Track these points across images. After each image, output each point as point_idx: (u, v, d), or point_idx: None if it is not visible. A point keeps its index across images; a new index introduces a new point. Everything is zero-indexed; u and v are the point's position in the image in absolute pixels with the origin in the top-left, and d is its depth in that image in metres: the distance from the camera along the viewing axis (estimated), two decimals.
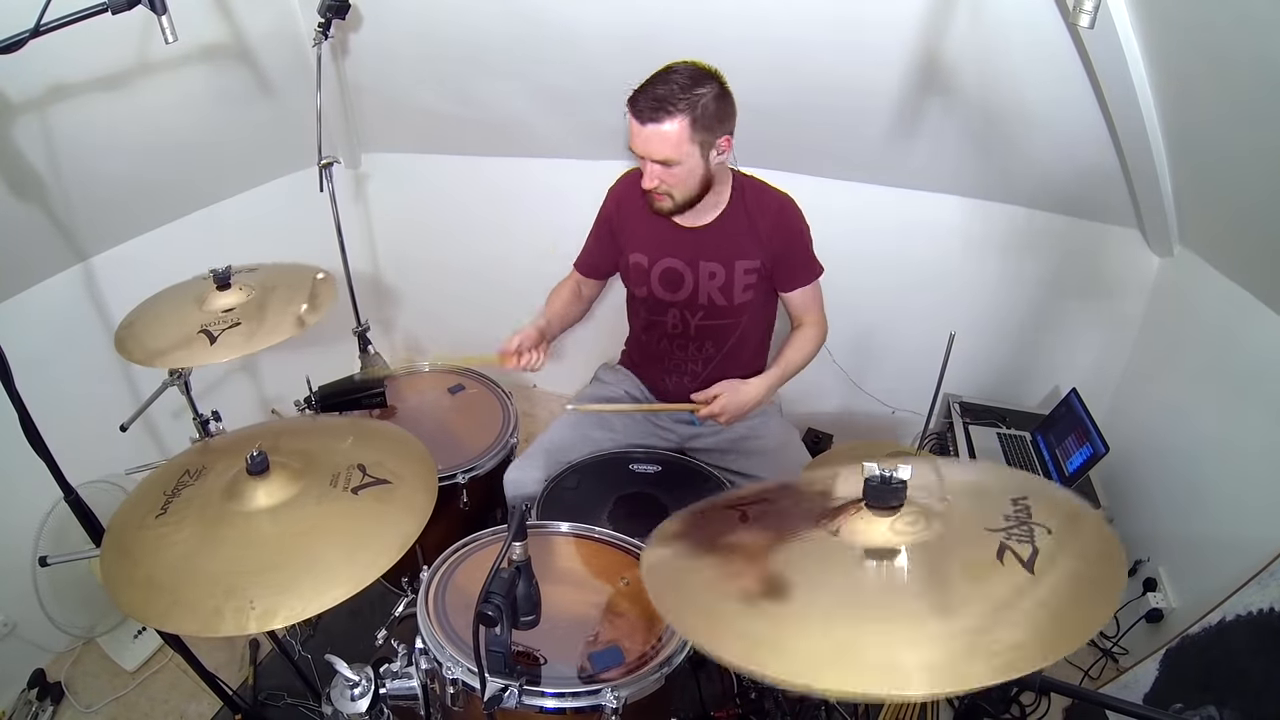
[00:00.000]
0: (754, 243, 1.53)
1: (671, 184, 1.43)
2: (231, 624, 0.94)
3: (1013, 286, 2.22)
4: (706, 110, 1.35)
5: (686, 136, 1.36)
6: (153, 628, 1.06)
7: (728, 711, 1.51)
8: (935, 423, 2.19)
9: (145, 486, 1.19)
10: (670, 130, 1.34)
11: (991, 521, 0.89)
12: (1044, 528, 0.87)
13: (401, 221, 2.82)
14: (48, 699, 1.77)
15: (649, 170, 1.41)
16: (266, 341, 1.37)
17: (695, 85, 1.34)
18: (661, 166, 1.40)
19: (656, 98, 1.33)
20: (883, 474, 0.87)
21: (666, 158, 1.38)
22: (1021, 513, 0.90)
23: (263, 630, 0.96)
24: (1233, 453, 1.63)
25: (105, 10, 1.07)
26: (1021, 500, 0.93)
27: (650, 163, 1.40)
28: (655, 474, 1.63)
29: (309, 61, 2.00)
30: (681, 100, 1.33)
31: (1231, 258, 1.69)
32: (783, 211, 1.55)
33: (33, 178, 1.62)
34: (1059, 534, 0.86)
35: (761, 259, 1.54)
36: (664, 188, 1.43)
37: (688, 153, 1.38)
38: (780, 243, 1.54)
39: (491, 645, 0.97)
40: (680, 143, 1.36)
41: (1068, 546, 0.85)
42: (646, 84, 1.37)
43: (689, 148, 1.37)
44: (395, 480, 1.16)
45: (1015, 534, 0.87)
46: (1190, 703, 1.41)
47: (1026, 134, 1.82)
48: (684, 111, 1.33)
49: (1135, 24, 1.38)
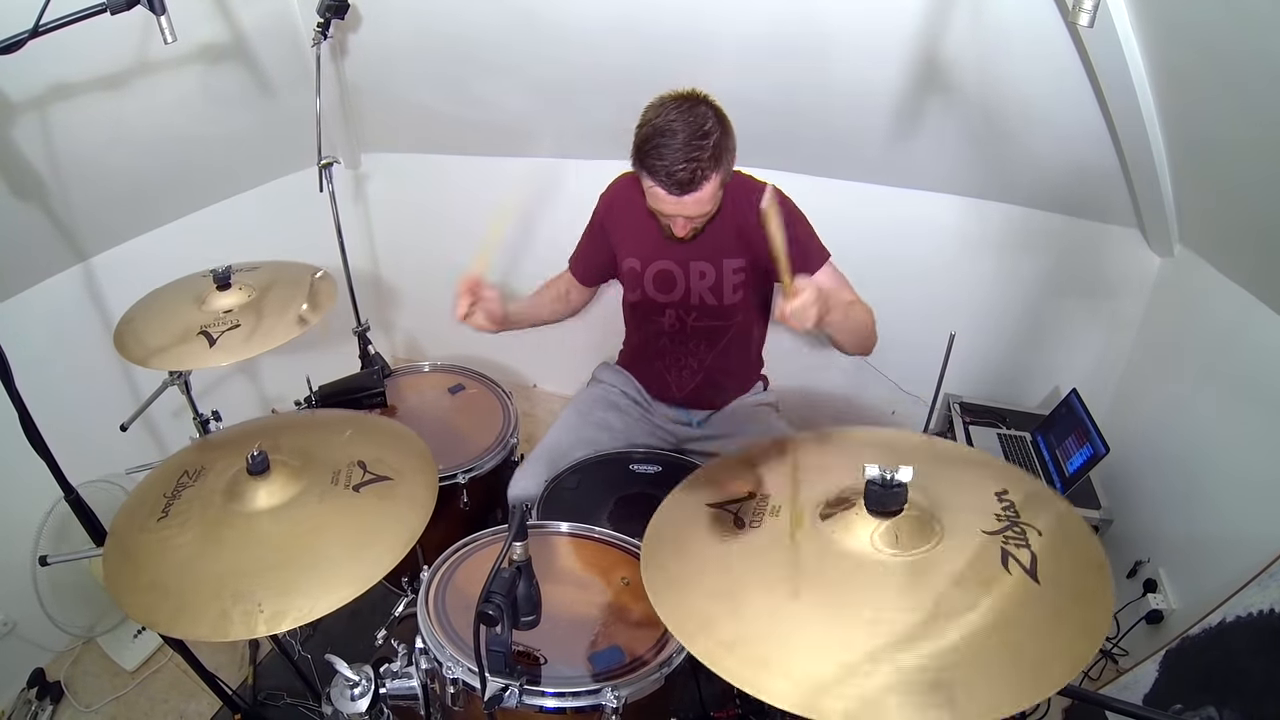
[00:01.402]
0: (741, 241, 1.52)
1: (701, 223, 1.44)
2: (241, 628, 0.94)
3: (1013, 286, 2.22)
4: (725, 152, 1.33)
5: (717, 185, 1.35)
6: (161, 634, 1.05)
7: (728, 712, 1.51)
8: (935, 423, 2.19)
9: (144, 488, 1.19)
10: (706, 190, 1.33)
11: (986, 524, 0.89)
12: (1034, 529, 0.88)
13: (401, 221, 2.82)
14: (47, 698, 1.77)
15: (682, 222, 1.40)
16: (265, 345, 1.37)
17: (707, 134, 1.29)
18: (696, 218, 1.40)
19: (687, 170, 1.27)
20: (883, 475, 0.88)
21: (705, 212, 1.38)
22: (1009, 510, 0.91)
23: (272, 633, 0.96)
24: (1233, 453, 1.63)
25: (104, 10, 1.07)
26: (1004, 495, 0.93)
27: (683, 218, 1.39)
28: (655, 474, 1.62)
29: (308, 61, 2.00)
30: (709, 160, 1.29)
31: (1231, 258, 1.69)
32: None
33: (33, 178, 1.62)
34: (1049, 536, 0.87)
35: (748, 257, 1.54)
36: (693, 228, 1.44)
37: (718, 197, 1.39)
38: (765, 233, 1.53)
39: (492, 645, 0.97)
40: (714, 195, 1.36)
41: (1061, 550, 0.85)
42: (658, 151, 1.28)
43: (719, 193, 1.38)
44: (396, 477, 1.17)
45: (1011, 537, 0.87)
46: (1190, 704, 1.41)
47: (1026, 133, 1.82)
48: (714, 170, 1.31)
49: (1135, 23, 1.38)
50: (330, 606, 0.96)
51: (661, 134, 1.28)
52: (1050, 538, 0.88)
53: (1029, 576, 0.82)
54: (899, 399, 2.45)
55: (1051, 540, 0.87)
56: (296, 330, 1.40)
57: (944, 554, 0.86)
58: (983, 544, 0.87)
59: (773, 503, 1.03)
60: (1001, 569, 0.83)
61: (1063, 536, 0.89)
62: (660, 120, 1.29)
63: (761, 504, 1.03)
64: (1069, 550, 0.87)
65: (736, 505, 1.05)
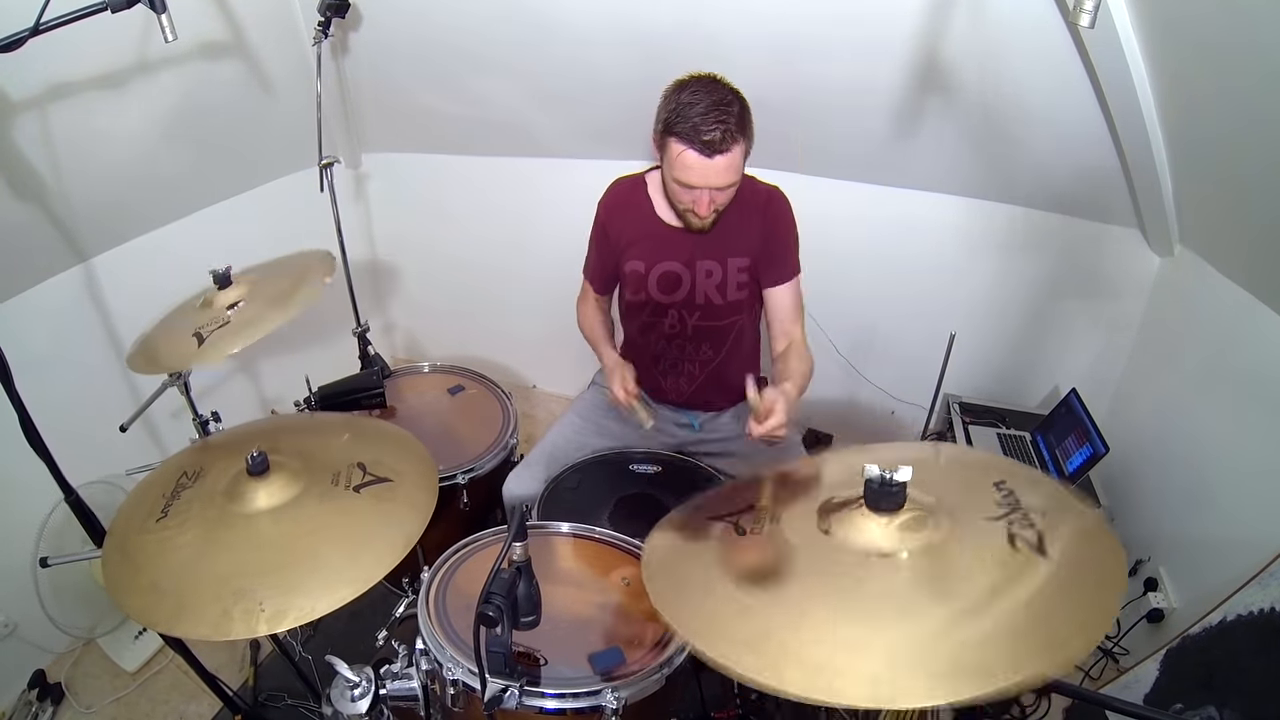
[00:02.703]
0: (745, 239, 1.53)
1: (722, 203, 1.45)
2: (242, 627, 0.94)
3: (1013, 286, 2.22)
4: (748, 124, 1.38)
5: (742, 156, 1.38)
6: (161, 633, 1.05)
7: (728, 712, 1.51)
8: (935, 423, 2.19)
9: (142, 489, 1.18)
10: (736, 156, 1.36)
11: (988, 510, 0.90)
12: (1038, 512, 0.88)
13: (402, 221, 2.82)
14: (48, 700, 1.77)
15: (707, 199, 1.41)
16: (259, 333, 1.31)
17: (731, 103, 1.34)
18: (721, 192, 1.41)
19: (720, 130, 1.32)
20: (883, 475, 0.88)
21: (731, 183, 1.40)
22: (1009, 497, 0.91)
23: (274, 632, 0.96)
24: (1233, 453, 1.63)
25: (105, 9, 1.07)
26: (1004, 484, 0.94)
27: (710, 191, 1.40)
28: (655, 474, 1.62)
29: (309, 61, 2.00)
30: (737, 125, 1.34)
31: (1231, 258, 1.69)
32: (771, 202, 1.56)
33: (33, 178, 1.62)
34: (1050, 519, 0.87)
35: (751, 256, 1.55)
36: (715, 208, 1.44)
37: (741, 170, 1.41)
38: (766, 232, 1.54)
39: (492, 646, 0.97)
40: (740, 164, 1.39)
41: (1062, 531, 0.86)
42: (690, 115, 1.33)
43: (743, 165, 1.40)
44: (396, 478, 1.16)
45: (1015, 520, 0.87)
46: (1191, 703, 1.41)
47: (1026, 133, 1.82)
48: (740, 135, 1.35)
49: (1135, 24, 1.39)
50: (331, 606, 0.96)
51: (690, 103, 1.34)
52: (1051, 516, 0.89)
53: (1036, 553, 0.83)
54: (899, 399, 2.45)
55: (1052, 519, 0.88)
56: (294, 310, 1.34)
57: (950, 540, 0.87)
58: (988, 529, 0.88)
59: (773, 511, 1.03)
60: (1009, 548, 0.84)
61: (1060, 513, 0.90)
62: (686, 93, 1.35)
63: (762, 513, 1.03)
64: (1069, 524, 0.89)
65: (736, 516, 1.05)
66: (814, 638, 0.80)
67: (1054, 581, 0.80)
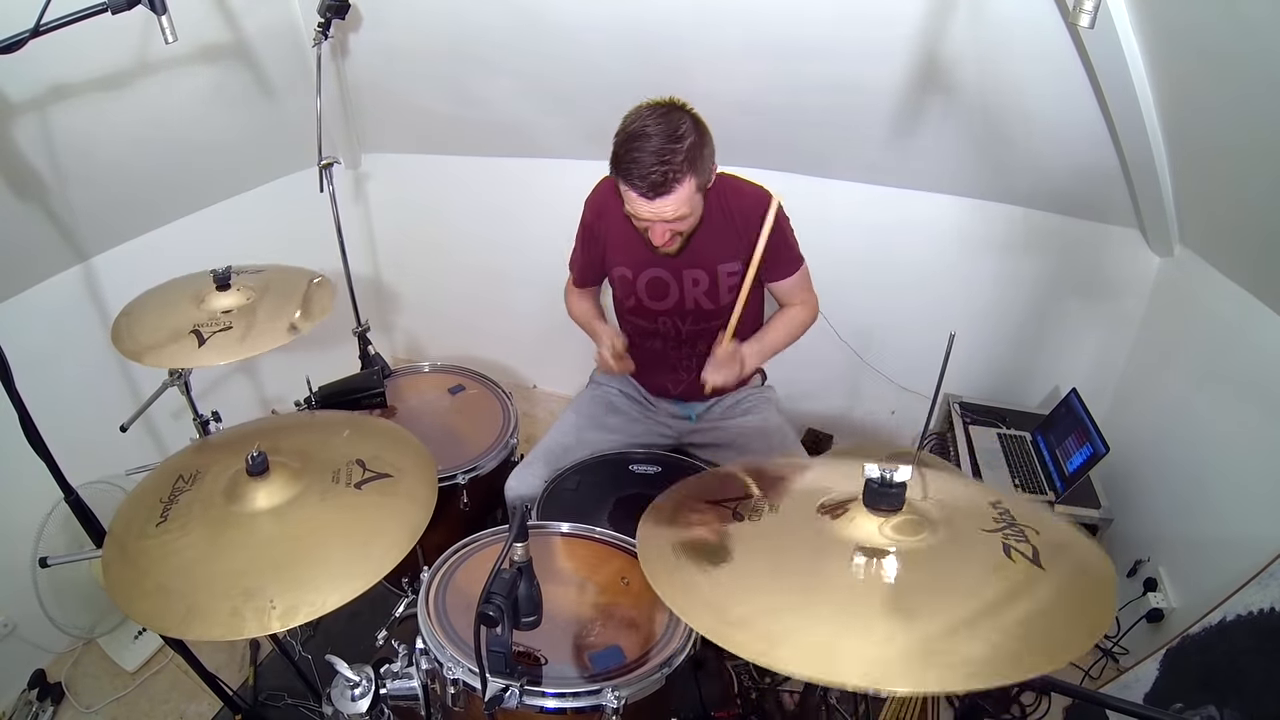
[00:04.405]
0: (734, 245, 1.52)
1: (682, 230, 1.44)
2: (254, 625, 0.93)
3: (1013, 286, 2.22)
4: (701, 158, 1.34)
5: (692, 190, 1.35)
6: (170, 636, 1.05)
7: (728, 712, 1.52)
8: (935, 423, 2.19)
9: (139, 493, 1.18)
10: (683, 191, 1.33)
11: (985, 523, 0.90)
12: (1030, 529, 0.89)
13: (402, 221, 2.82)
14: (48, 699, 1.77)
15: (660, 229, 1.40)
16: (254, 349, 1.37)
17: (681, 137, 1.30)
18: (679, 221, 1.40)
19: (659, 173, 1.29)
20: (883, 475, 0.88)
21: (682, 215, 1.38)
22: (1005, 515, 0.92)
23: (288, 628, 0.96)
24: (1233, 453, 1.63)
25: (105, 10, 1.07)
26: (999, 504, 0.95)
27: (662, 223, 1.39)
28: (655, 474, 1.62)
29: (309, 61, 2.00)
30: (683, 164, 1.30)
31: (1231, 258, 1.69)
32: (759, 206, 1.54)
33: (33, 178, 1.62)
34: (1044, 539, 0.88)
35: (743, 261, 1.53)
36: (674, 234, 1.43)
37: (695, 202, 1.39)
38: (758, 238, 1.53)
39: (492, 645, 0.97)
40: (689, 198, 1.36)
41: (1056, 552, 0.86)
42: (632, 155, 1.30)
43: (696, 197, 1.38)
44: (396, 474, 1.17)
45: (1010, 534, 0.88)
46: (1190, 702, 1.41)
47: (1026, 133, 1.82)
48: (687, 173, 1.32)
49: (1135, 24, 1.39)
50: (340, 600, 0.97)
51: (636, 138, 1.30)
52: (1046, 535, 0.90)
53: (1032, 564, 0.84)
54: (899, 399, 2.45)
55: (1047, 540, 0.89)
56: (286, 338, 1.40)
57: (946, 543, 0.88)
58: (984, 540, 0.89)
59: (770, 501, 1.03)
60: (1005, 558, 0.85)
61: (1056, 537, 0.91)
62: (636, 126, 1.32)
63: (760, 502, 1.03)
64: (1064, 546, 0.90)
65: (734, 503, 1.05)
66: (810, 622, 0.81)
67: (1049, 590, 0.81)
